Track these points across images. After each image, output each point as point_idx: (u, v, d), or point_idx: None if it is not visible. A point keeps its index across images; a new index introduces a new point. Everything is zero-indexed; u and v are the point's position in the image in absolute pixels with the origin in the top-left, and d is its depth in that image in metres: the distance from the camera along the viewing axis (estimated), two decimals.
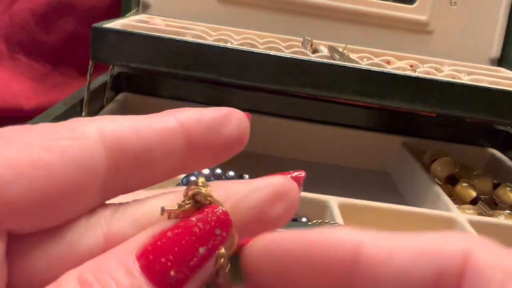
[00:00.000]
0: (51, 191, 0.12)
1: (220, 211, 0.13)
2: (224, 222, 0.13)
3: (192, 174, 0.38)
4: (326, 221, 0.38)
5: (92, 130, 0.13)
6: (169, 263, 0.12)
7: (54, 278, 0.12)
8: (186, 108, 0.16)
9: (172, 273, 0.12)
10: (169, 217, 0.13)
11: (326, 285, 0.13)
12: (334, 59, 0.47)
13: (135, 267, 0.12)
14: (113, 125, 0.14)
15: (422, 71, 0.50)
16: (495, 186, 0.51)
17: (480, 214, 0.46)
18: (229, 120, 0.15)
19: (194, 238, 0.12)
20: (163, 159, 0.14)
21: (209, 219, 0.13)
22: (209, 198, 0.13)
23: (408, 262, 0.12)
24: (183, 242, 0.12)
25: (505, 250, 0.12)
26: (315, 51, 0.51)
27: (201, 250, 0.12)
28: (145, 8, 0.58)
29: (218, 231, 0.13)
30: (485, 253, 0.12)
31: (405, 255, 0.12)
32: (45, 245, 0.13)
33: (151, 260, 0.12)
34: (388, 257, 0.12)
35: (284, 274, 0.13)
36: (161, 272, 0.12)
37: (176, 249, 0.12)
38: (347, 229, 0.13)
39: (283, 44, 0.49)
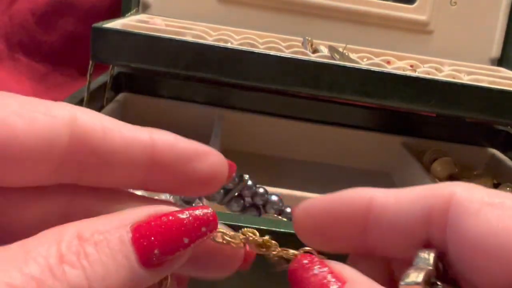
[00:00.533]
0: (14, 147, 0.14)
1: (210, 212, 0.15)
2: (212, 222, 0.15)
3: None
4: None
5: (65, 115, 0.14)
6: (156, 242, 0.13)
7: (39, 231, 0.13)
8: (168, 132, 0.17)
9: (156, 251, 0.13)
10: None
11: (350, 233, 0.17)
12: (334, 59, 0.47)
13: (128, 237, 0.13)
14: (87, 118, 0.15)
15: (422, 71, 0.50)
16: (495, 186, 0.51)
17: None
18: (203, 159, 0.17)
19: (183, 228, 0.14)
20: (122, 166, 0.15)
21: (200, 216, 0.14)
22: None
23: (409, 204, 0.16)
24: (173, 229, 0.14)
25: (484, 189, 0.15)
26: (315, 51, 0.51)
27: (185, 240, 0.14)
28: (145, 8, 0.58)
29: (204, 229, 0.15)
30: (465, 191, 0.15)
31: (407, 199, 0.16)
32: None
33: (142, 235, 0.13)
34: (395, 201, 0.16)
35: (321, 226, 0.17)
36: (147, 248, 0.13)
37: (165, 233, 0.14)
38: (362, 189, 0.17)
39: (283, 44, 0.49)
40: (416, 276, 0.15)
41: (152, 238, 0.13)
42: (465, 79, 0.49)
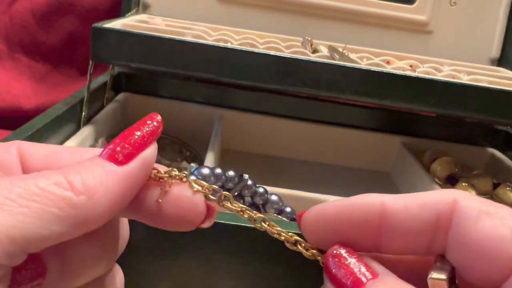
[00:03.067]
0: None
1: (155, 114, 0.19)
2: (154, 115, 0.19)
3: (192, 173, 0.38)
4: None
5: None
6: (117, 147, 0.17)
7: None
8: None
9: (117, 148, 0.17)
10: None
11: (363, 236, 0.18)
12: (334, 59, 0.47)
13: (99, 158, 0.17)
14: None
15: (422, 71, 0.50)
16: (495, 186, 0.51)
17: None
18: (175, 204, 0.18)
19: (132, 128, 0.18)
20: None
21: (145, 118, 0.18)
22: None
23: (417, 210, 0.17)
24: (125, 132, 0.18)
25: (481, 199, 0.17)
26: (315, 51, 0.51)
27: (137, 133, 0.18)
28: (145, 8, 0.58)
29: (149, 121, 0.18)
30: (467, 200, 0.17)
31: (415, 205, 0.17)
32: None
33: (110, 152, 0.17)
34: (404, 208, 0.17)
35: (333, 231, 0.18)
36: (112, 151, 0.17)
37: (120, 137, 0.18)
38: (372, 194, 0.18)
39: (283, 44, 0.50)
40: (440, 273, 0.17)
41: (112, 145, 0.17)
42: (465, 79, 0.49)
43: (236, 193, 0.39)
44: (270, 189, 0.40)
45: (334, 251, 0.18)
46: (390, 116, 0.60)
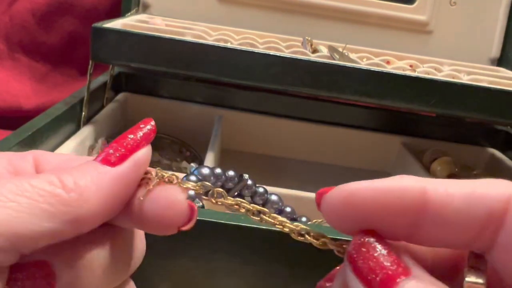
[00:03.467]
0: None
1: (149, 120, 0.19)
2: (148, 120, 0.19)
3: (192, 173, 0.38)
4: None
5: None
6: (110, 150, 0.18)
7: None
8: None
9: (110, 150, 0.18)
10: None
11: (397, 225, 0.16)
12: (334, 59, 0.47)
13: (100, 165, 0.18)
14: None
15: (422, 71, 0.50)
16: None
17: None
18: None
19: (126, 132, 0.18)
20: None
21: (139, 123, 0.19)
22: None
23: (464, 204, 0.15)
24: (119, 137, 0.18)
25: None
26: (315, 51, 0.51)
27: (130, 136, 0.18)
28: (145, 8, 0.58)
29: (142, 125, 0.19)
30: None
31: (461, 198, 0.15)
32: None
33: (103, 155, 0.18)
34: (448, 198, 0.15)
35: (363, 216, 0.16)
36: (106, 154, 0.18)
37: (114, 141, 0.18)
38: (411, 177, 0.16)
39: (283, 44, 0.50)
40: (478, 276, 0.15)
41: (106, 150, 0.18)
42: (465, 79, 0.49)
43: (236, 193, 0.39)
44: (270, 189, 0.40)
45: (361, 239, 0.15)
46: (390, 116, 0.60)
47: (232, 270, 0.30)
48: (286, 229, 0.18)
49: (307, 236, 0.18)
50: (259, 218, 0.19)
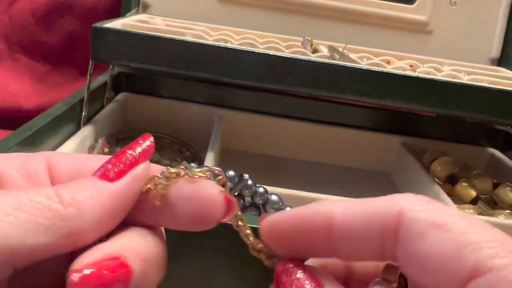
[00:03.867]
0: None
1: (148, 135, 0.19)
2: (147, 136, 0.19)
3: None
4: None
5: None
6: (109, 165, 0.18)
7: None
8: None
9: (109, 166, 0.18)
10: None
11: (312, 245, 0.18)
12: (334, 59, 0.47)
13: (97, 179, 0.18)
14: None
15: (422, 71, 0.50)
16: (495, 186, 0.51)
17: (480, 213, 0.46)
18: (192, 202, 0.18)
19: (125, 148, 0.18)
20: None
21: (138, 139, 0.19)
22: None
23: (363, 223, 0.17)
24: (118, 153, 0.18)
25: (429, 204, 0.17)
26: (315, 51, 0.51)
27: (129, 151, 0.18)
28: (145, 8, 0.58)
29: (141, 141, 0.19)
30: (413, 211, 0.16)
31: (362, 217, 0.17)
32: None
33: (102, 170, 0.18)
34: (351, 218, 0.17)
35: (287, 239, 0.19)
36: (104, 169, 0.18)
37: (113, 157, 0.18)
38: (325, 203, 0.18)
39: (283, 44, 0.50)
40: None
41: (104, 165, 0.18)
42: (465, 79, 0.49)
43: (236, 193, 0.39)
44: (270, 189, 0.40)
45: (284, 266, 0.18)
46: (390, 116, 0.60)
47: (232, 270, 0.30)
48: (248, 242, 0.20)
49: (261, 253, 0.20)
50: (237, 224, 0.20)
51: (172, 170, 0.18)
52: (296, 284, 0.17)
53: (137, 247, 0.17)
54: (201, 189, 0.18)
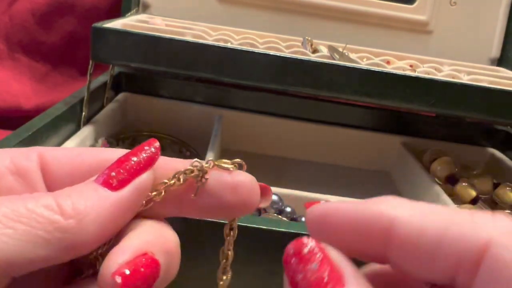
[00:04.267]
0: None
1: (153, 140, 0.18)
2: (152, 141, 0.18)
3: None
4: None
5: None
6: (112, 173, 0.17)
7: None
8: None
9: (112, 173, 0.17)
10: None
11: (367, 249, 0.16)
12: (334, 59, 0.47)
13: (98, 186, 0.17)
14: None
15: (422, 71, 0.50)
16: (495, 186, 0.51)
17: None
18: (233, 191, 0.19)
19: (129, 153, 0.18)
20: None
21: (143, 144, 0.18)
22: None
23: (434, 245, 0.14)
24: (122, 158, 0.17)
25: None
26: (315, 51, 0.51)
27: (133, 158, 0.17)
28: (145, 8, 0.58)
29: (146, 147, 0.18)
30: (506, 249, 0.13)
31: (432, 239, 0.14)
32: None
33: (104, 177, 0.17)
34: (418, 236, 0.14)
35: (336, 233, 0.16)
36: (107, 176, 0.17)
37: (116, 162, 0.17)
38: (385, 203, 0.15)
39: (283, 44, 0.50)
40: None
41: (107, 171, 0.17)
42: (465, 79, 0.49)
43: None
44: None
45: (294, 248, 0.16)
46: (390, 116, 0.60)
47: (232, 270, 0.30)
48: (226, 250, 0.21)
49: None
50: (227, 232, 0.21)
51: (204, 163, 0.18)
52: (309, 277, 0.15)
53: (159, 241, 0.17)
54: (243, 178, 0.19)
